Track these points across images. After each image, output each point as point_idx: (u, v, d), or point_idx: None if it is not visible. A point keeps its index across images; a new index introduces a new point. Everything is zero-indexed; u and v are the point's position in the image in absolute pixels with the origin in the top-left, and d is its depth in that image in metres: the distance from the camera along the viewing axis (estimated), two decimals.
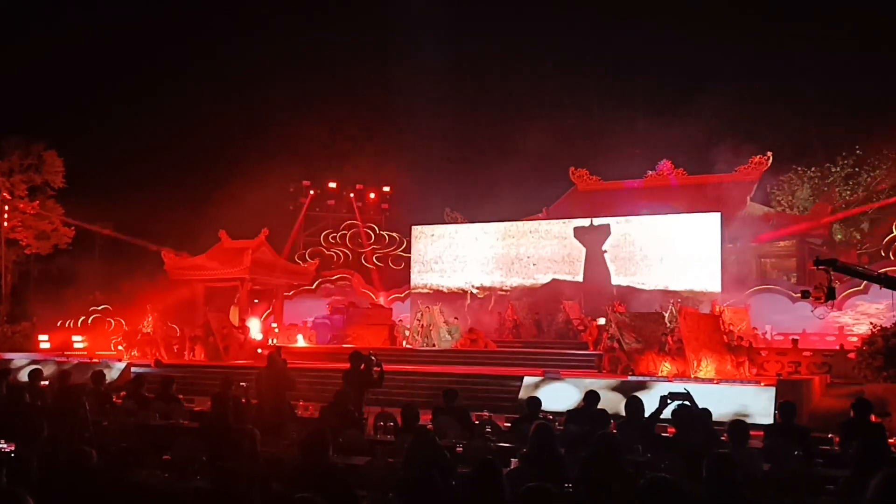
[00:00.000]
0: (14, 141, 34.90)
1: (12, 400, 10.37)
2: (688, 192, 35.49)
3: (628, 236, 28.44)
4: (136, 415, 10.60)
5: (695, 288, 26.19)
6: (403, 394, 15.76)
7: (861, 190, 38.62)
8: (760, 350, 20.76)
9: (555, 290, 28.61)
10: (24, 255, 36.04)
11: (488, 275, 29.35)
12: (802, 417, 13.51)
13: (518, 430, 8.87)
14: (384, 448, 8.29)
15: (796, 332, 23.68)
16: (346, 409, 9.54)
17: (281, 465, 6.18)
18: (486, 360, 22.69)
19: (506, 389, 17.54)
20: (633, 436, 8.12)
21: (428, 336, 25.95)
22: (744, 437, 7.44)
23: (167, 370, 19.47)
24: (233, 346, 24.19)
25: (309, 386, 15.33)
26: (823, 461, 7.96)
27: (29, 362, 21.01)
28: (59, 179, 35.68)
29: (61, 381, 11.23)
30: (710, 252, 26.61)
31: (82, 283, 32.59)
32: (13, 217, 34.03)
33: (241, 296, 30.21)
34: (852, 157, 38.90)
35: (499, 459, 6.24)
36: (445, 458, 6.61)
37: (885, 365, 16.85)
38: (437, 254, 30.93)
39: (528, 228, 30.47)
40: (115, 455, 5.92)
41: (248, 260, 28.64)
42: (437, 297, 27.97)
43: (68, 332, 29.32)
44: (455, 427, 9.20)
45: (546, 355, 22.30)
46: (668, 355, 18.38)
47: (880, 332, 17.55)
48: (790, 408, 8.60)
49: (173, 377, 12.43)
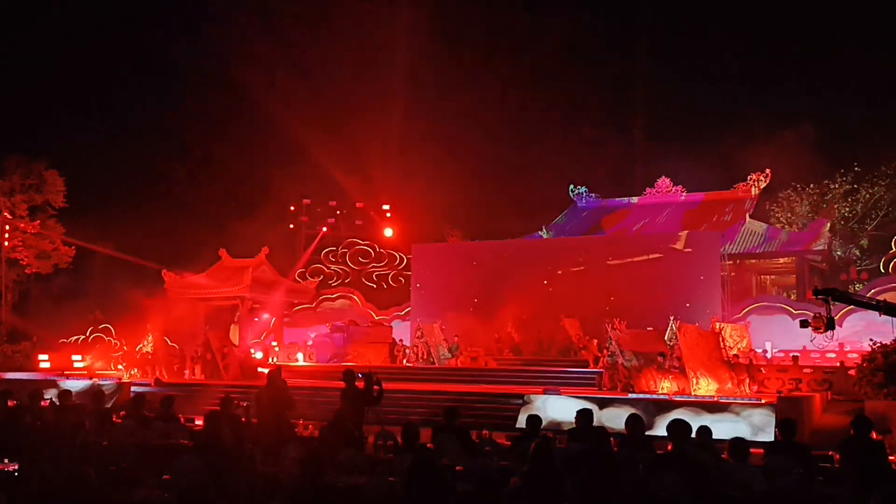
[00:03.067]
0: (15, 160, 35.05)
1: (12, 420, 10.37)
2: (686, 209, 35.61)
3: (627, 253, 28.44)
4: (135, 434, 10.56)
5: (694, 305, 26.17)
6: (404, 412, 15.72)
7: (860, 206, 38.77)
8: (761, 367, 20.71)
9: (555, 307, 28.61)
10: (25, 275, 36.07)
11: (488, 292, 29.31)
12: (803, 435, 13.48)
13: (518, 448, 8.85)
14: (384, 467, 8.28)
15: (796, 348, 23.64)
16: (345, 427, 9.52)
17: (281, 484, 6.17)
18: (487, 378, 22.64)
19: (506, 407, 17.51)
20: (633, 453, 8.11)
21: (428, 354, 25.93)
22: (744, 455, 7.44)
23: (167, 389, 19.42)
24: (233, 365, 24.15)
25: (309, 405, 15.29)
26: (824, 479, 7.95)
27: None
28: (60, 199, 35.79)
29: (61, 400, 11.23)
30: (710, 269, 26.61)
31: (82, 303, 32.62)
32: (14, 236, 34.11)
33: (241, 314, 30.20)
34: (851, 174, 39.05)
35: (499, 478, 6.25)
36: (446, 477, 6.61)
37: (885, 382, 16.83)
38: (437, 272, 30.93)
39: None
40: (114, 475, 5.93)
41: (249, 278, 28.65)
42: (437, 315, 27.93)
43: (68, 352, 29.27)
44: (455, 446, 9.18)
45: (546, 373, 22.26)
46: (668, 373, 18.36)
47: (880, 349, 17.54)
48: (791, 425, 8.60)
49: (173, 396, 12.40)
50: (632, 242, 30.44)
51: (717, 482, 6.95)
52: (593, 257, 28.78)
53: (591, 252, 29.22)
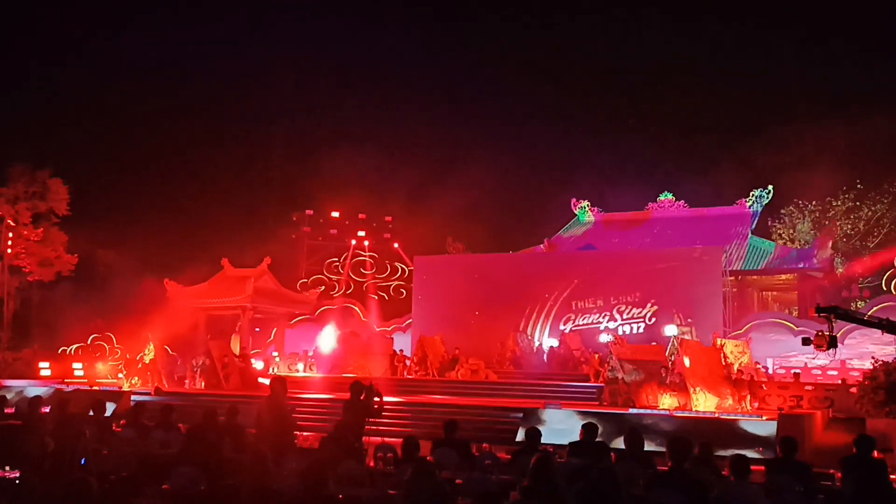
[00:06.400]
0: (19, 168, 35.11)
1: (12, 427, 10.36)
2: (688, 224, 35.63)
3: (629, 268, 28.45)
4: (135, 443, 10.55)
5: (695, 320, 26.14)
6: (403, 425, 15.71)
7: (862, 224, 38.77)
8: (762, 384, 20.65)
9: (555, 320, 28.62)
10: (27, 282, 36.06)
11: (489, 305, 29.29)
12: (804, 453, 13.44)
13: (518, 462, 8.83)
14: (384, 479, 8.26)
15: (798, 365, 23.60)
16: (346, 439, 9.50)
17: (282, 495, 6.17)
18: (487, 392, 22.60)
19: (506, 421, 17.47)
20: (633, 468, 8.09)
21: (428, 366, 25.89)
22: (745, 472, 7.41)
23: (167, 398, 19.39)
24: (233, 375, 24.13)
25: (309, 416, 15.28)
26: (825, 497, 7.91)
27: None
28: (63, 207, 35.80)
29: (61, 408, 11.21)
30: (712, 285, 26.59)
31: (84, 311, 32.59)
32: (17, 244, 34.14)
33: (242, 324, 30.21)
34: (853, 192, 39.06)
35: (499, 492, 6.24)
36: (445, 491, 6.59)
37: (886, 400, 16.76)
38: (439, 284, 30.92)
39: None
40: (114, 484, 5.93)
41: (251, 288, 28.67)
42: (438, 328, 27.89)
43: (69, 360, 29.25)
44: (455, 459, 9.16)
45: (547, 387, 22.22)
46: (669, 388, 18.31)
47: (882, 367, 17.48)
48: (792, 443, 8.57)
49: (173, 405, 12.38)
50: (633, 257, 30.45)
51: (717, 499, 6.93)
52: (594, 271, 28.76)
53: (593, 266, 29.20)
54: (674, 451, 7.38)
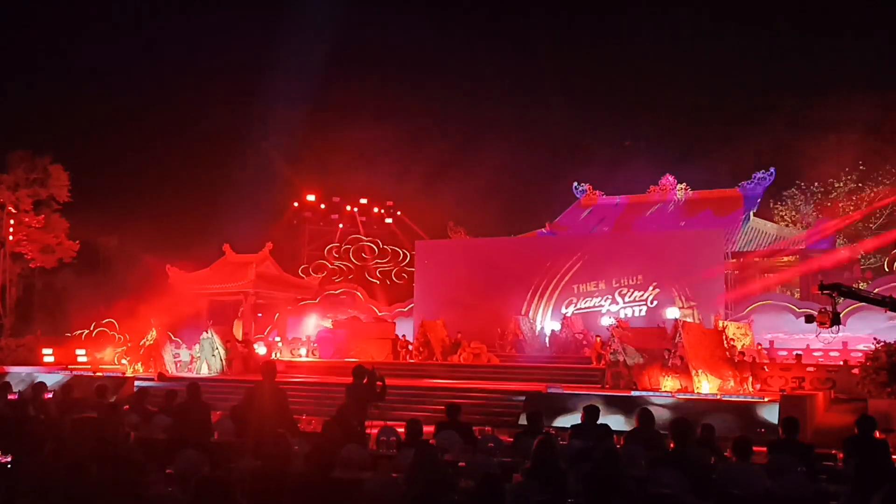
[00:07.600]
0: (20, 155, 35.07)
1: (15, 412, 10.40)
2: (690, 207, 35.57)
3: (631, 251, 28.43)
4: (138, 428, 10.58)
5: (698, 303, 26.16)
6: (406, 408, 15.74)
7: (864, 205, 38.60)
8: (764, 365, 20.68)
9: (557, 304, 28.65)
10: (29, 269, 36.12)
11: (491, 289, 29.29)
12: (806, 433, 13.47)
13: (521, 444, 8.85)
14: (387, 463, 8.28)
15: (800, 346, 23.60)
16: (348, 423, 9.52)
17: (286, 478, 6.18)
18: (489, 375, 22.65)
19: (508, 404, 17.52)
20: (638, 448, 8.11)
21: (431, 351, 25.94)
22: (747, 453, 7.43)
23: (170, 384, 19.43)
24: (236, 360, 24.19)
25: (312, 400, 15.32)
26: (827, 477, 7.92)
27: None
28: (64, 193, 35.80)
29: (65, 394, 11.26)
30: (713, 267, 26.56)
31: (86, 297, 32.64)
32: (18, 231, 34.16)
33: (244, 310, 30.26)
34: (856, 173, 38.89)
35: (501, 474, 6.25)
36: (448, 473, 6.61)
37: (888, 380, 16.78)
38: (441, 268, 30.93)
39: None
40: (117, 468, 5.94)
41: (253, 274, 28.69)
42: (441, 312, 27.92)
43: (72, 346, 29.33)
44: (458, 442, 9.18)
45: (548, 370, 22.26)
46: (671, 371, 18.32)
47: (884, 348, 17.48)
48: (794, 424, 8.57)
49: (176, 391, 12.41)
50: (635, 240, 30.41)
51: (719, 480, 6.95)
52: (596, 254, 28.74)
53: (595, 249, 29.17)
54: (676, 432, 7.41)
